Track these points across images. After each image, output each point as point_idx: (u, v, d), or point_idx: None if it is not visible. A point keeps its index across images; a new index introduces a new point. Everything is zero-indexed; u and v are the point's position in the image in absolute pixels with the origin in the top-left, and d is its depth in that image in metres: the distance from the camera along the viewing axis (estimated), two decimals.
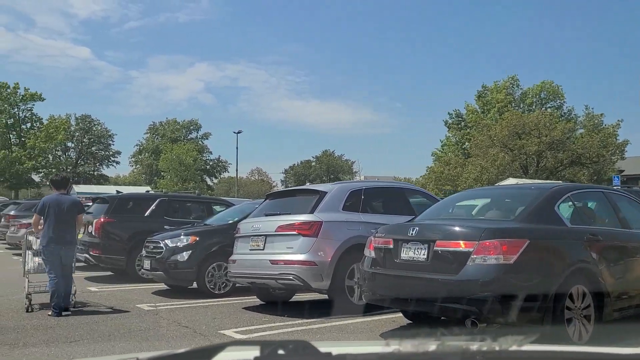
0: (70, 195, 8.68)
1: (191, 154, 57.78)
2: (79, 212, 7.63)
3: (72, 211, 7.44)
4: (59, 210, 7.30)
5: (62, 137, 40.53)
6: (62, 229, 7.29)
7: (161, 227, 11.29)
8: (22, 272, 7.87)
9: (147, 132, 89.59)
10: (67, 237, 7.37)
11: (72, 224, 7.44)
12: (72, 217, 7.44)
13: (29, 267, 7.69)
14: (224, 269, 9.19)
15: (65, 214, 7.34)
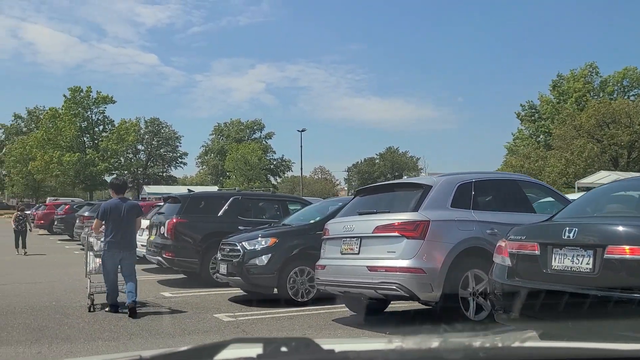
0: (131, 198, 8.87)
1: (256, 153, 57.89)
2: (137, 215, 7.73)
3: (131, 215, 7.55)
4: (118, 214, 7.40)
5: (133, 139, 41.37)
6: (122, 232, 7.40)
7: (235, 228, 10.54)
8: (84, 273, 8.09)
9: (212, 133, 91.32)
10: (127, 241, 7.48)
11: (131, 227, 7.57)
12: (131, 220, 7.55)
13: (91, 268, 7.90)
14: (307, 274, 8.27)
15: (125, 218, 7.44)
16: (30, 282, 11.15)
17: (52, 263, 14.87)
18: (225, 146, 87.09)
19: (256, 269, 8.19)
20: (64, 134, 37.54)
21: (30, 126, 68.68)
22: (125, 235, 7.45)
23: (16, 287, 10.37)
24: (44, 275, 12.26)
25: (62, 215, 24.06)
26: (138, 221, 7.81)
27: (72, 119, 38.19)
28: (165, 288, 10.41)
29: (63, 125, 37.79)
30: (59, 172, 37.01)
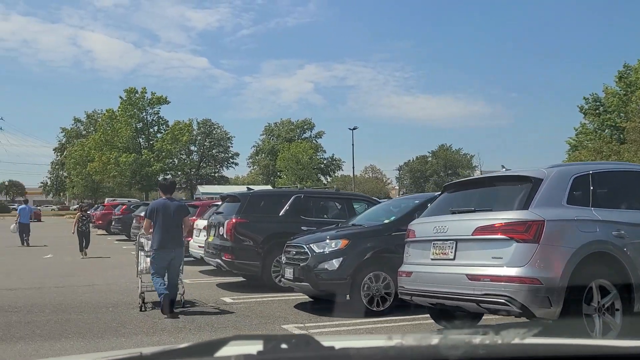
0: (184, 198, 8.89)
1: (308, 152, 57.39)
2: (185, 215, 7.73)
3: (179, 214, 7.57)
4: (166, 214, 7.45)
5: (187, 139, 41.57)
6: (170, 232, 7.44)
7: (298, 228, 9.80)
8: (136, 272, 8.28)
9: (263, 134, 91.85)
10: (175, 240, 7.51)
11: (179, 227, 7.58)
12: (179, 220, 7.58)
13: (141, 268, 8.01)
14: (382, 280, 7.39)
15: (172, 218, 7.47)
16: (87, 285, 10.78)
17: (109, 264, 14.60)
18: (275, 146, 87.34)
19: (326, 274, 7.38)
20: (120, 135, 38.14)
21: (89, 129, 70.78)
22: (174, 235, 7.49)
23: (73, 290, 10.00)
24: (102, 276, 11.90)
25: (119, 216, 24.15)
26: (186, 221, 7.80)
27: (127, 120, 38.77)
28: (225, 292, 9.76)
29: (119, 127, 38.40)
30: (116, 172, 37.62)
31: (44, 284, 10.87)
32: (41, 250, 19.10)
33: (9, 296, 9.34)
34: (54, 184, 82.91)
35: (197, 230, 13.12)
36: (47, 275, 12.22)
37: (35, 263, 14.99)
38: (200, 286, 10.57)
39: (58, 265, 14.25)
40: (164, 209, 7.49)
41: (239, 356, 1.15)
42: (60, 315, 7.63)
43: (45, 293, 9.71)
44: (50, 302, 8.84)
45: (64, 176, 75.03)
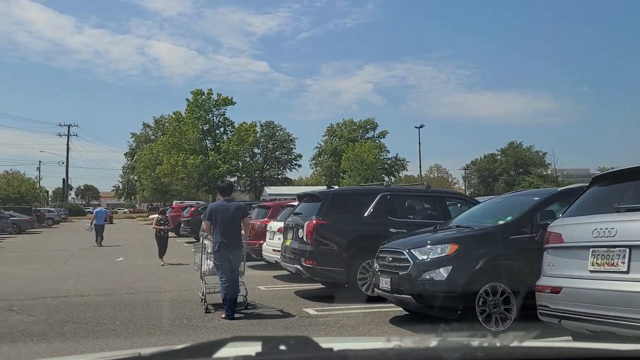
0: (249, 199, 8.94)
1: (373, 152, 56.03)
2: (243, 216, 7.72)
3: (237, 216, 7.58)
4: (224, 215, 7.47)
5: (252, 140, 41.27)
6: (229, 233, 7.46)
7: (385, 231, 8.68)
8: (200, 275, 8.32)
9: (325, 134, 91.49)
10: (234, 241, 7.51)
11: (238, 228, 7.60)
12: (238, 221, 7.59)
13: (204, 270, 8.06)
14: (501, 293, 6.12)
15: (231, 219, 7.49)
16: (158, 291, 10.10)
17: (180, 269, 13.99)
18: (338, 147, 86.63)
19: (433, 286, 6.19)
20: (187, 137, 38.30)
21: (157, 134, 72.62)
22: (232, 236, 7.50)
23: (144, 297, 9.32)
24: (173, 282, 11.22)
25: (188, 218, 23.85)
26: (245, 222, 7.81)
27: (194, 122, 38.87)
28: (307, 302, 8.76)
29: (186, 129, 38.57)
30: (184, 175, 37.78)
31: (115, 290, 10.30)
32: (113, 252, 18.95)
33: (79, 304, 8.77)
34: (125, 188, 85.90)
35: (271, 232, 12.24)
36: (118, 280, 11.69)
37: (107, 267, 14.64)
38: (278, 295, 9.63)
39: (129, 270, 13.80)
40: (223, 211, 7.53)
41: (238, 357, 1.15)
42: (131, 329, 6.93)
43: (116, 301, 9.07)
44: (121, 311, 8.16)
45: (134, 180, 77.39)
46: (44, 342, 6.49)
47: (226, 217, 7.47)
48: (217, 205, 7.76)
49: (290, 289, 10.27)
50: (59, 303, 8.92)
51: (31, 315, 7.84)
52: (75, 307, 8.51)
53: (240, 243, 7.66)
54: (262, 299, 9.16)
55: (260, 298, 9.27)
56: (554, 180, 71.81)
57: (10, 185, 49.27)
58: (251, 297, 9.47)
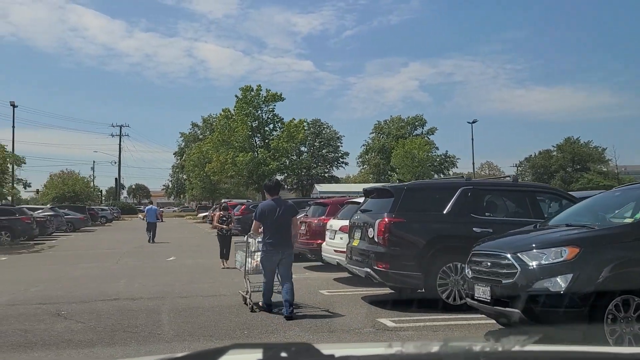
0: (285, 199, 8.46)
1: (424, 148, 54.38)
2: (293, 215, 7.56)
3: (287, 215, 7.41)
4: (274, 214, 7.30)
5: (302, 136, 40.41)
6: (279, 233, 7.31)
7: (468, 230, 7.62)
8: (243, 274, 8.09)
9: (373, 132, 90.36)
10: (284, 241, 7.35)
11: (287, 227, 7.43)
12: (287, 220, 7.42)
13: (248, 268, 7.85)
14: (634, 308, 4.93)
15: (281, 218, 7.31)
16: (212, 295, 9.32)
17: (234, 270, 13.24)
18: (386, 144, 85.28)
19: (548, 299, 5.05)
20: (237, 134, 37.80)
21: (205, 133, 73.18)
22: (282, 236, 7.33)
23: (199, 302, 8.56)
24: (227, 284, 10.43)
25: (239, 216, 23.20)
26: (294, 221, 7.66)
27: (243, 119, 38.28)
28: (379, 310, 7.75)
29: (236, 126, 38.06)
30: (233, 172, 37.29)
31: (167, 293, 9.59)
32: (164, 251, 18.50)
33: (130, 309, 8.06)
34: (175, 187, 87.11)
35: (331, 231, 11.28)
36: (170, 282, 11.01)
37: (159, 267, 14.07)
38: (344, 300, 8.66)
39: (181, 270, 13.15)
40: (272, 210, 7.35)
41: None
42: (187, 340, 6.15)
43: (169, 306, 8.33)
44: (175, 317, 7.39)
45: (183, 179, 78.31)
46: (92, 352, 5.77)
47: (276, 217, 7.31)
48: (266, 205, 7.54)
49: (355, 293, 9.29)
50: (109, 307, 8.25)
51: (79, 321, 7.18)
52: (126, 312, 7.81)
53: (290, 243, 7.50)
54: (328, 305, 8.23)
55: (325, 304, 8.34)
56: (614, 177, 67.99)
57: (65, 184, 50.48)
58: (314, 302, 8.59)
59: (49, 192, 50.80)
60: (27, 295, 9.47)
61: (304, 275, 11.94)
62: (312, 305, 8.15)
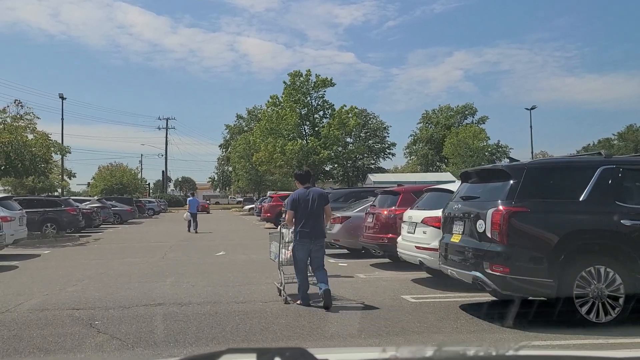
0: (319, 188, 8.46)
1: (479, 136, 51.57)
2: (325, 203, 7.30)
3: (320, 204, 7.22)
4: (306, 204, 7.16)
5: (354, 123, 38.39)
6: (311, 222, 7.13)
7: (614, 222, 5.76)
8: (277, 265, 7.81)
9: (420, 122, 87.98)
10: (317, 230, 7.17)
11: (320, 217, 7.24)
12: (320, 209, 7.23)
13: (282, 259, 7.67)
14: None
15: (313, 207, 7.15)
16: (274, 300, 7.71)
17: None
18: (434, 134, 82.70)
19: None
20: (286, 122, 36.13)
21: (250, 125, 72.47)
22: (314, 225, 7.17)
23: (261, 309, 6.96)
24: (289, 287, 8.85)
25: None
26: (327, 210, 7.39)
27: (292, 106, 36.53)
28: (493, 327, 5.94)
29: (284, 113, 36.40)
30: (282, 162, 35.71)
31: (220, 296, 8.09)
32: (213, 245, 17.18)
33: (177, 318, 6.56)
34: (221, 179, 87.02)
35: (409, 224, 9.52)
36: (223, 281, 9.52)
37: (208, 263, 12.65)
38: (439, 310, 6.88)
39: (233, 267, 11.67)
40: (305, 199, 7.21)
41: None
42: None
43: (224, 314, 6.77)
44: (233, 333, 5.81)
45: (228, 171, 77.91)
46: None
47: (308, 206, 7.16)
48: (299, 194, 7.36)
49: (449, 300, 7.51)
50: (152, 314, 6.79)
51: (115, 336, 5.69)
52: (173, 322, 6.30)
53: (323, 232, 7.37)
54: (417, 315, 6.51)
55: (414, 314, 6.65)
56: None
57: (113, 176, 50.44)
58: (398, 310, 6.88)
59: (98, 184, 50.85)
60: (61, 298, 8.15)
61: (375, 275, 10.24)
62: (403, 319, 6.43)
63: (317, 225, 7.18)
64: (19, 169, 18.60)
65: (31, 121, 19.70)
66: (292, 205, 7.26)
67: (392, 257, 11.30)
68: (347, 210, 13.99)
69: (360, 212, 13.09)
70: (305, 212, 7.13)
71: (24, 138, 18.37)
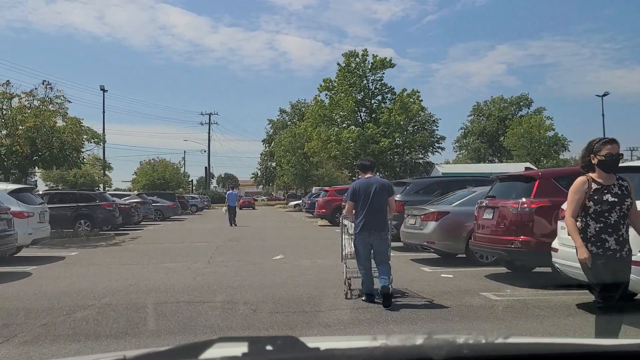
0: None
1: (546, 127, 47.29)
2: (389, 194, 6.96)
3: (382, 194, 6.85)
4: (367, 194, 6.82)
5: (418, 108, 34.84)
6: (373, 214, 6.78)
7: None
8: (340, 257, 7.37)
9: (471, 114, 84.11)
10: (379, 223, 6.79)
11: (382, 208, 6.85)
12: (383, 200, 6.85)
13: (346, 252, 7.34)
14: None
15: (375, 198, 6.79)
16: None
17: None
18: (487, 127, 78.58)
19: None
20: (340, 107, 32.82)
21: (294, 119, 70.08)
22: (376, 216, 6.76)
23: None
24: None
25: None
26: (391, 201, 6.92)
27: (348, 90, 33.11)
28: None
29: (338, 98, 33.05)
30: (337, 151, 32.44)
31: (297, 328, 5.24)
32: (266, 245, 14.49)
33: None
34: (264, 175, 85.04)
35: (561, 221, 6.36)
36: (294, 302, 6.72)
37: (265, 270, 9.90)
38: None
39: (299, 277, 8.89)
40: (366, 189, 6.82)
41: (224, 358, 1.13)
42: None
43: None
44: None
45: (272, 167, 75.85)
46: None
47: (369, 196, 6.75)
48: (360, 184, 6.95)
49: None
50: None
51: None
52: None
53: (385, 225, 6.84)
54: None
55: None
56: None
57: (155, 171, 48.71)
58: None
59: (140, 179, 49.21)
60: (65, 328, 5.49)
61: (515, 295, 7.22)
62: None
63: (378, 218, 6.78)
64: (46, 158, 16.33)
65: (61, 105, 17.45)
66: (352, 195, 6.93)
67: (526, 266, 8.33)
68: (439, 203, 10.96)
69: (463, 206, 10.08)
70: (366, 203, 6.76)
71: (51, 123, 16.06)
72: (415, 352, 1.17)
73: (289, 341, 1.22)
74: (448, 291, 7.45)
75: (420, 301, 6.78)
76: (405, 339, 1.21)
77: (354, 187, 6.99)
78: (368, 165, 7.19)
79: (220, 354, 1.14)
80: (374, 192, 6.78)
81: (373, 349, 1.24)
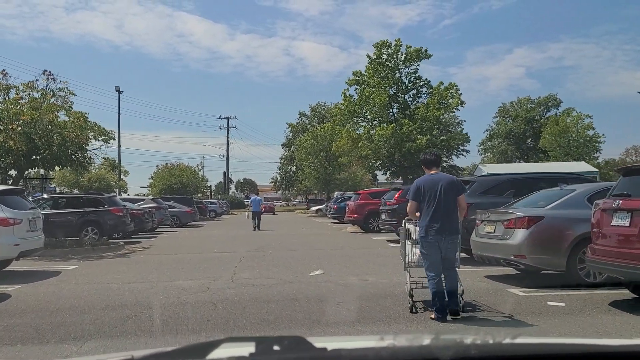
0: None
1: (586, 126, 44.43)
2: (458, 192, 6.22)
3: (451, 192, 6.09)
4: (434, 192, 6.09)
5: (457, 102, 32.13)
6: (440, 214, 6.04)
7: None
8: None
9: (496, 116, 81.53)
10: (447, 225, 6.05)
11: (451, 209, 6.11)
12: (452, 199, 6.11)
13: (409, 260, 6.70)
14: None
15: (443, 197, 6.05)
16: None
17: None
18: (514, 128, 75.83)
19: None
20: (372, 102, 30.22)
21: (314, 122, 68.18)
22: (444, 219, 6.03)
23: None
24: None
25: (392, 206, 16.09)
26: (461, 200, 6.19)
27: (379, 83, 30.48)
28: None
29: (369, 92, 30.48)
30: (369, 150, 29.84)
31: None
32: (298, 256, 12.30)
33: None
34: (284, 179, 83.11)
35: None
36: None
37: (306, 290, 7.71)
38: None
39: (349, 300, 6.65)
40: (431, 187, 6.09)
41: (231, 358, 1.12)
42: None
43: None
44: None
45: (292, 171, 73.95)
46: None
47: (436, 195, 6.03)
48: (424, 181, 6.21)
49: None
50: None
51: None
52: None
53: (455, 227, 6.12)
54: None
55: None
56: None
57: (172, 175, 46.86)
58: None
59: (156, 183, 47.39)
60: None
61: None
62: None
63: (448, 219, 6.02)
64: (46, 157, 14.33)
65: (65, 98, 15.48)
66: (414, 194, 6.14)
67: None
68: (525, 206, 8.62)
69: (560, 209, 7.77)
70: (432, 203, 6.02)
71: (50, 117, 14.06)
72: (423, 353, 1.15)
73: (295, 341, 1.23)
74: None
75: (498, 316, 6.01)
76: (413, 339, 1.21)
77: (418, 184, 6.24)
78: (432, 159, 6.43)
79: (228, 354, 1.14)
80: (440, 190, 6.06)
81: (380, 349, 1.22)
